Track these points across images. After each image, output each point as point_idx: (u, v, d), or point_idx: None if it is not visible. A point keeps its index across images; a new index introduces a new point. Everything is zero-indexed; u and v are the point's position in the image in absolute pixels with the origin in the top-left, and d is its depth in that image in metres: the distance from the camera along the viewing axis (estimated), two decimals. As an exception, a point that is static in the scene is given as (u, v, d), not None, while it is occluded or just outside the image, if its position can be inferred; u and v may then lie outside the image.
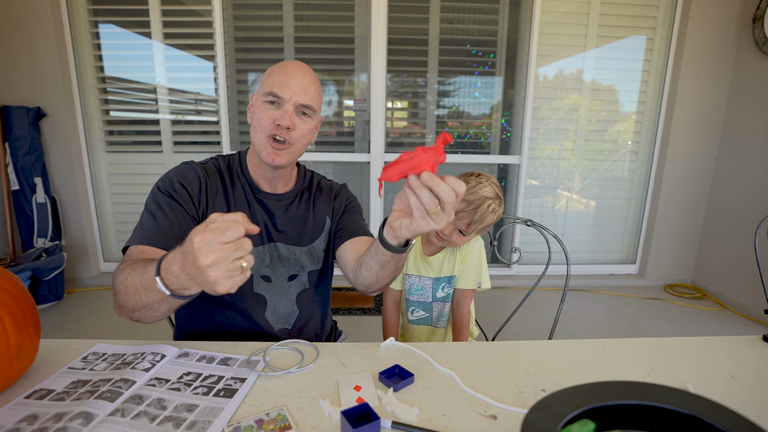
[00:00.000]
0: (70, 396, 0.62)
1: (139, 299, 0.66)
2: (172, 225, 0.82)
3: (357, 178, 2.94)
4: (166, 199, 0.84)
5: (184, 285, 0.58)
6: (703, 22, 2.59)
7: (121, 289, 0.69)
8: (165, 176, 0.88)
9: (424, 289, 1.13)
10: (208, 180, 0.89)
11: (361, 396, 0.64)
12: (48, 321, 2.26)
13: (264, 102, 0.86)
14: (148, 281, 0.63)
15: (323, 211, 1.00)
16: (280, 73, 0.86)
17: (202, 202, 0.88)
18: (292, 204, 0.97)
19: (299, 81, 0.85)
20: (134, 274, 0.67)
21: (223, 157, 0.97)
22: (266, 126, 0.85)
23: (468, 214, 0.99)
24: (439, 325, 1.15)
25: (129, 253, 0.78)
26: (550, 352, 0.79)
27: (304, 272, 0.97)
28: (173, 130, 2.74)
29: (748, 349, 0.81)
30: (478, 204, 0.99)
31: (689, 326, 2.38)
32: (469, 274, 1.09)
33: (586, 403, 0.45)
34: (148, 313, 0.68)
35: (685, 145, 2.76)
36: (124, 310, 0.71)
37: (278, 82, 0.85)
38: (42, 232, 2.54)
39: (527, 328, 2.30)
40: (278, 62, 0.90)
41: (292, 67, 0.87)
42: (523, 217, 1.34)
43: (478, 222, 0.99)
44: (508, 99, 2.89)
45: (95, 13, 2.57)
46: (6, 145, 2.44)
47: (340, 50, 2.71)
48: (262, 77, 0.90)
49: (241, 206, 0.92)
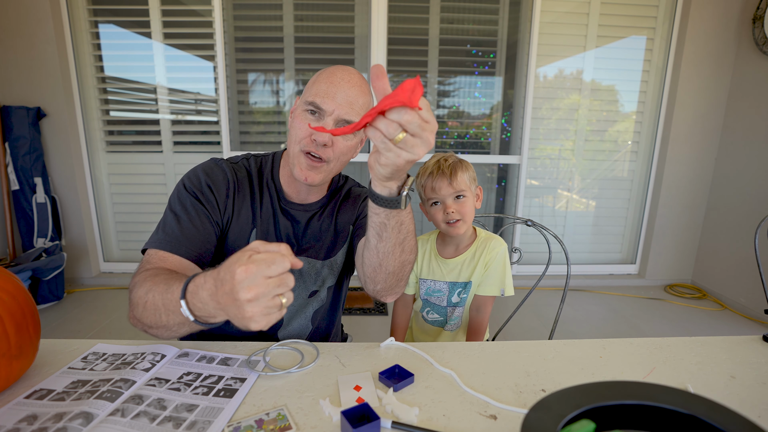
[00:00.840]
0: (70, 396, 0.62)
1: (159, 318, 0.63)
2: (197, 231, 0.79)
3: (357, 178, 2.92)
4: (192, 201, 0.80)
5: (210, 313, 0.55)
6: (703, 22, 2.59)
7: (140, 303, 0.66)
8: (193, 174, 0.83)
9: (439, 292, 1.10)
10: (237, 185, 0.85)
11: (361, 396, 0.64)
12: (48, 321, 2.26)
13: (305, 111, 0.79)
14: (170, 302, 0.60)
15: (345, 219, 0.93)
16: (327, 81, 0.78)
17: (228, 209, 0.84)
18: (315, 214, 0.91)
19: (346, 93, 0.77)
20: (156, 290, 0.64)
21: (255, 158, 0.91)
22: (302, 138, 0.78)
23: (440, 181, 1.00)
24: (448, 328, 1.13)
25: (148, 258, 0.75)
26: (550, 352, 0.79)
27: (324, 288, 0.93)
28: (173, 130, 2.74)
29: (748, 349, 0.81)
30: (437, 168, 1.01)
31: (689, 326, 2.38)
32: (492, 280, 1.06)
33: (586, 403, 0.45)
34: (165, 332, 0.66)
35: (685, 145, 2.76)
36: (139, 324, 0.69)
37: (323, 91, 0.77)
38: (42, 232, 2.54)
39: (527, 328, 2.30)
40: (327, 68, 0.82)
41: (341, 76, 0.79)
42: (523, 217, 1.34)
43: (454, 175, 0.99)
44: (508, 99, 2.89)
45: (95, 13, 2.57)
46: (6, 145, 2.44)
47: (340, 50, 2.71)
48: (310, 82, 0.83)
49: (266, 216, 0.87)
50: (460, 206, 1.01)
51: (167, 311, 0.61)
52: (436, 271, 1.11)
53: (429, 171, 1.03)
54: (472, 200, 1.03)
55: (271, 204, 0.88)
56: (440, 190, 1.01)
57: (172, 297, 0.60)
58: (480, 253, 1.07)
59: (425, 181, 1.03)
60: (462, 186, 1.01)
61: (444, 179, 1.00)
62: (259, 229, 0.86)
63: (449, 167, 1.00)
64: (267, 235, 0.86)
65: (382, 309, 2.49)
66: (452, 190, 1.00)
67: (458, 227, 1.02)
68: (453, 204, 1.01)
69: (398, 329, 1.17)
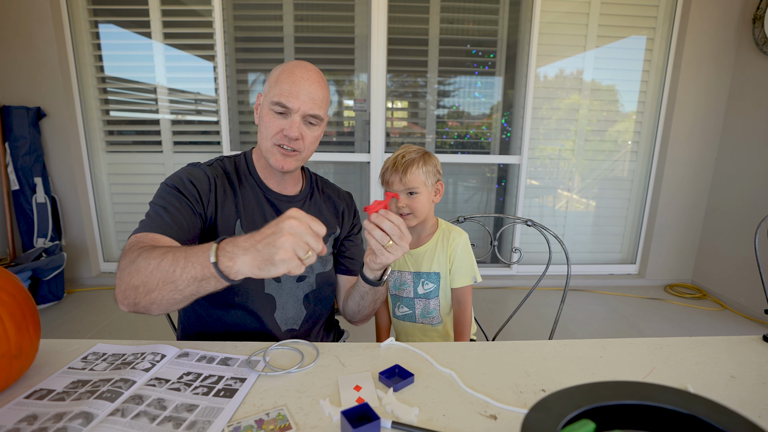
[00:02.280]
0: (70, 396, 0.62)
1: (170, 273, 0.63)
2: (185, 220, 0.81)
3: (357, 178, 2.94)
4: (177, 195, 0.83)
5: (237, 255, 0.60)
6: (703, 22, 2.59)
7: (142, 266, 0.65)
8: (173, 175, 0.87)
9: (405, 284, 1.13)
10: (217, 180, 0.89)
11: (361, 396, 0.64)
12: (48, 321, 2.26)
13: (271, 110, 0.86)
14: (193, 253, 0.63)
15: (331, 221, 1.02)
16: (288, 81, 0.84)
17: (211, 202, 0.87)
18: (305, 204, 0.99)
19: (308, 90, 0.85)
20: (173, 251, 0.66)
21: (228, 158, 0.96)
22: (274, 134, 0.86)
23: (394, 176, 1.03)
24: (426, 322, 1.13)
25: (140, 239, 0.74)
26: (550, 352, 0.79)
27: (312, 274, 0.97)
28: (173, 130, 2.74)
29: (748, 349, 0.81)
30: (393, 163, 1.04)
31: (689, 326, 2.38)
32: (463, 271, 1.09)
33: (586, 403, 0.45)
34: (165, 294, 0.65)
35: (685, 145, 2.76)
36: (132, 293, 0.66)
37: (286, 91, 0.84)
38: (42, 232, 2.54)
39: (527, 328, 2.30)
40: (285, 63, 0.88)
41: (301, 74, 0.85)
42: (523, 217, 1.33)
43: (405, 172, 1.02)
44: (508, 99, 2.89)
45: (95, 13, 2.57)
46: (6, 145, 2.44)
47: (340, 50, 2.71)
48: (269, 79, 0.89)
49: (250, 207, 0.91)
50: (411, 201, 1.04)
51: (186, 262, 0.63)
52: (401, 262, 1.14)
53: (387, 164, 1.06)
54: (426, 196, 1.06)
55: (254, 195, 0.93)
56: (393, 184, 1.05)
57: (196, 250, 0.64)
58: (442, 244, 1.10)
59: (383, 172, 1.07)
60: (414, 183, 1.03)
61: (396, 175, 1.03)
62: (244, 219, 0.90)
63: (403, 164, 1.02)
64: (253, 225, 0.90)
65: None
66: (403, 186, 1.03)
67: (408, 219, 1.06)
68: (404, 199, 1.04)
69: (383, 327, 1.22)
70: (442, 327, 1.14)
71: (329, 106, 0.93)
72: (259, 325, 0.92)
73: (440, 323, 1.13)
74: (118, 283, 0.69)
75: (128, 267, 0.68)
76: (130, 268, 0.67)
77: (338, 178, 2.94)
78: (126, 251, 0.71)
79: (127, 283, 0.67)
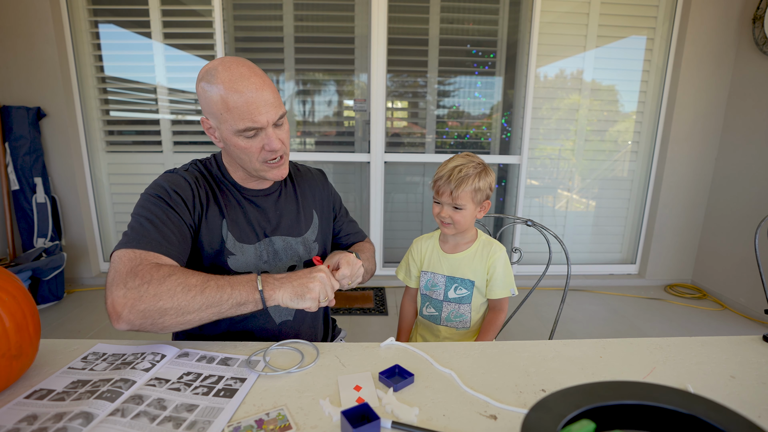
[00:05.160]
0: (70, 396, 0.62)
1: (211, 300, 0.71)
2: (177, 235, 0.80)
3: (357, 178, 2.94)
4: (164, 207, 0.81)
5: (276, 289, 0.75)
6: (703, 22, 2.59)
7: (178, 291, 0.70)
8: (155, 185, 0.85)
9: (437, 286, 1.14)
10: (198, 184, 0.88)
11: (361, 396, 0.64)
12: (48, 321, 2.26)
13: (239, 136, 0.81)
14: (235, 282, 0.74)
15: (309, 204, 1.03)
16: (241, 100, 0.78)
17: (197, 208, 0.86)
18: (280, 195, 0.98)
19: (262, 99, 0.79)
20: (203, 277, 0.73)
21: (200, 162, 0.95)
22: (257, 156, 0.84)
23: (445, 187, 1.04)
24: (452, 325, 1.14)
25: (142, 258, 0.74)
26: (550, 352, 0.79)
27: (300, 262, 0.98)
28: (173, 130, 2.74)
29: (748, 349, 0.81)
30: (448, 174, 1.03)
31: (689, 326, 2.38)
32: (501, 284, 1.10)
33: (586, 403, 0.45)
34: (205, 316, 0.72)
35: (685, 145, 2.76)
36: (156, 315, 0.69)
37: (246, 113, 0.78)
38: (42, 232, 2.54)
39: (527, 328, 2.30)
40: (214, 78, 0.78)
41: (245, 86, 0.78)
42: (523, 217, 1.33)
43: (458, 188, 1.02)
44: (508, 99, 2.89)
45: (95, 13, 2.57)
46: (6, 145, 2.44)
47: (340, 50, 2.71)
48: (209, 105, 0.80)
49: (232, 208, 0.91)
50: (454, 214, 1.05)
51: (232, 290, 0.73)
52: (437, 265, 1.15)
53: (442, 172, 1.05)
54: (471, 212, 1.06)
55: (233, 196, 0.92)
56: (442, 195, 1.05)
57: (239, 279, 0.75)
58: (480, 254, 1.11)
59: (436, 179, 1.07)
60: (462, 201, 1.03)
61: (448, 188, 1.03)
62: (229, 219, 0.90)
63: (458, 179, 1.02)
64: (237, 224, 0.90)
65: (382, 309, 2.49)
66: (451, 200, 1.04)
67: (447, 228, 1.08)
68: (448, 210, 1.05)
69: (405, 327, 1.23)
70: (467, 332, 1.15)
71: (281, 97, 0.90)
72: (252, 320, 0.92)
73: (466, 328, 1.14)
74: (131, 303, 0.68)
75: (151, 289, 0.69)
76: (156, 290, 0.69)
77: (338, 178, 2.94)
78: (136, 271, 0.71)
79: (149, 305, 0.68)
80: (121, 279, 0.70)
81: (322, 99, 2.81)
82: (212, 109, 0.81)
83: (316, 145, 2.86)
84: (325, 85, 2.79)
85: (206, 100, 0.81)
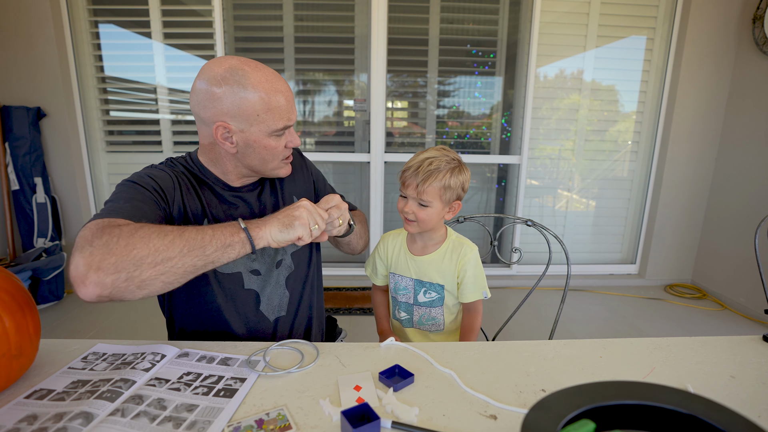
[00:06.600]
0: (70, 396, 0.62)
1: (192, 242, 0.66)
2: (149, 212, 0.75)
3: (357, 178, 2.94)
4: (139, 189, 0.77)
5: (262, 226, 0.72)
6: (703, 22, 2.59)
7: (153, 237, 0.62)
8: (134, 174, 0.82)
9: (406, 290, 1.09)
10: (179, 179, 0.85)
11: (361, 396, 0.64)
12: (48, 321, 2.26)
13: (271, 136, 0.83)
14: (216, 225, 0.70)
15: (289, 191, 1.00)
16: (282, 99, 0.81)
17: (177, 200, 0.82)
18: (263, 190, 0.96)
19: (292, 98, 0.85)
20: (175, 226, 0.68)
21: (176, 160, 0.92)
22: (281, 154, 0.87)
23: (412, 179, 0.95)
24: (425, 328, 1.10)
25: (110, 221, 0.66)
26: (550, 352, 0.79)
27: (287, 255, 0.97)
28: (173, 130, 2.74)
29: (748, 349, 0.81)
30: (417, 165, 0.95)
31: (689, 326, 2.38)
32: (473, 287, 1.04)
33: (586, 403, 0.45)
34: (188, 260, 0.65)
35: (685, 145, 2.76)
36: (129, 265, 0.60)
37: (285, 111, 0.82)
38: (42, 232, 2.54)
39: (527, 328, 2.30)
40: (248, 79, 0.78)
41: (282, 84, 0.82)
42: (523, 217, 1.33)
43: (425, 181, 0.93)
44: (508, 99, 2.89)
45: (95, 13, 2.57)
46: (6, 145, 2.44)
47: (340, 50, 2.71)
48: (250, 109, 0.78)
49: (215, 204, 0.88)
50: (419, 211, 0.97)
51: (213, 231, 0.69)
52: (404, 267, 1.08)
53: (411, 163, 0.97)
54: (437, 211, 0.97)
55: (215, 193, 0.90)
56: (407, 188, 0.97)
57: (218, 224, 0.72)
58: (450, 257, 1.04)
59: (404, 170, 0.99)
60: (428, 197, 0.95)
61: (414, 180, 0.95)
62: (211, 216, 0.87)
63: (426, 172, 0.94)
64: (220, 221, 0.87)
65: (382, 309, 2.49)
66: (416, 194, 0.96)
67: (410, 226, 1.00)
68: (413, 205, 0.97)
69: (380, 309, 1.19)
70: (440, 334, 1.12)
71: None
72: (246, 321, 0.91)
73: (440, 330, 1.11)
74: (98, 258, 0.59)
75: (122, 241, 0.61)
76: (127, 240, 0.61)
77: (338, 178, 2.94)
78: (103, 229, 0.63)
79: (121, 256, 0.59)
80: (86, 241, 0.61)
81: (322, 99, 2.81)
82: (244, 113, 0.78)
83: (316, 145, 2.86)
84: (325, 85, 2.79)
85: (234, 103, 0.77)
